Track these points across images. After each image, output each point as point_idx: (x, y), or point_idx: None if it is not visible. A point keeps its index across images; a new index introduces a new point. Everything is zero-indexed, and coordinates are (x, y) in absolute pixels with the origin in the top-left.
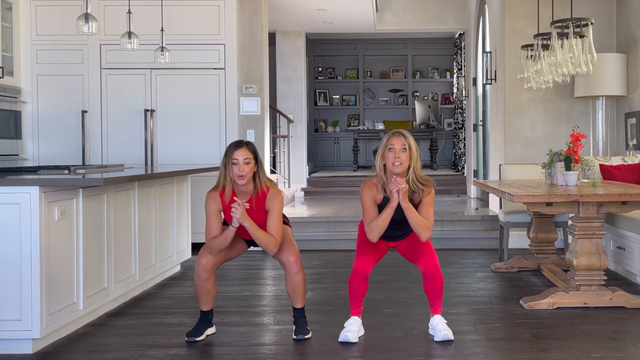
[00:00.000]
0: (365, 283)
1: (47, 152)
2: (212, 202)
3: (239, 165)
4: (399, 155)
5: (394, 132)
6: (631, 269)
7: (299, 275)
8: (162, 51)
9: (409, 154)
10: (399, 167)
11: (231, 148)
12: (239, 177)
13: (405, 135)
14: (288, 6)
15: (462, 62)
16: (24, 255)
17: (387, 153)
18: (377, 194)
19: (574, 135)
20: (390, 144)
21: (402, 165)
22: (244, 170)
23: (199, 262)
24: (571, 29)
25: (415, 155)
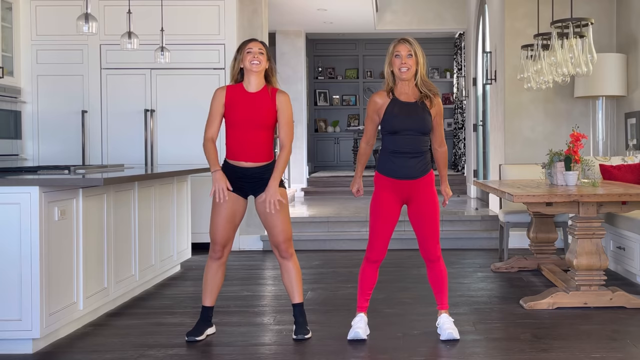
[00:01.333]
0: (376, 272)
1: (47, 152)
2: (218, 95)
3: (253, 53)
4: (405, 61)
5: (400, 39)
6: (631, 269)
7: (291, 261)
8: (162, 51)
9: (415, 60)
10: (406, 73)
11: (245, 42)
12: (253, 63)
13: (411, 42)
14: (288, 6)
15: (462, 62)
16: (24, 255)
17: (394, 60)
18: (385, 99)
19: (574, 135)
20: (397, 51)
21: (409, 70)
22: (259, 57)
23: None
24: (571, 29)
25: (421, 61)
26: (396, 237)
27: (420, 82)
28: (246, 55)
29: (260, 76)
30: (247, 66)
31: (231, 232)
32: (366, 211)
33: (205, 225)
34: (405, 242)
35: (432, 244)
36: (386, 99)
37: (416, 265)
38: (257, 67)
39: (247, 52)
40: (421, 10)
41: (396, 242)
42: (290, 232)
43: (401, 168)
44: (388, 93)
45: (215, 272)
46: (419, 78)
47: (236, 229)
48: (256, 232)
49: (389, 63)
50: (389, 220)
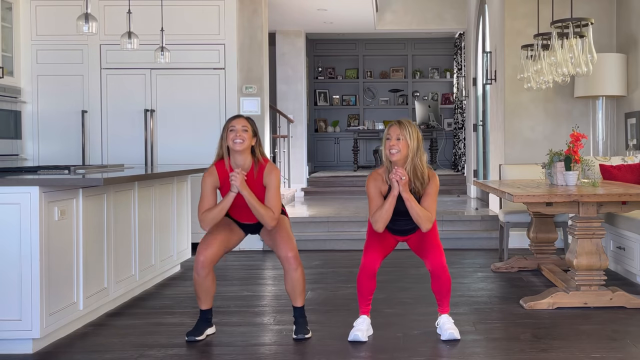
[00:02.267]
0: (373, 280)
1: (47, 152)
2: (208, 177)
3: (236, 131)
4: (394, 144)
5: (393, 121)
6: (631, 269)
7: (297, 272)
8: (162, 51)
9: (406, 143)
10: (395, 155)
11: (229, 119)
12: (236, 142)
13: (403, 125)
14: (288, 6)
15: (462, 62)
16: (24, 255)
17: (385, 142)
18: (382, 185)
19: (574, 135)
20: (388, 134)
21: (399, 153)
22: (241, 136)
23: (197, 259)
24: (571, 29)
25: (413, 145)
26: None
27: (411, 168)
28: (229, 133)
29: (245, 154)
30: (231, 145)
31: (220, 255)
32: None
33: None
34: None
35: (437, 260)
36: (383, 186)
37: (416, 265)
38: (240, 145)
39: (230, 131)
40: (421, 10)
41: None
42: (295, 246)
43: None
44: (384, 180)
45: (203, 281)
46: (409, 162)
47: (225, 252)
48: None
49: (383, 145)
50: (385, 246)
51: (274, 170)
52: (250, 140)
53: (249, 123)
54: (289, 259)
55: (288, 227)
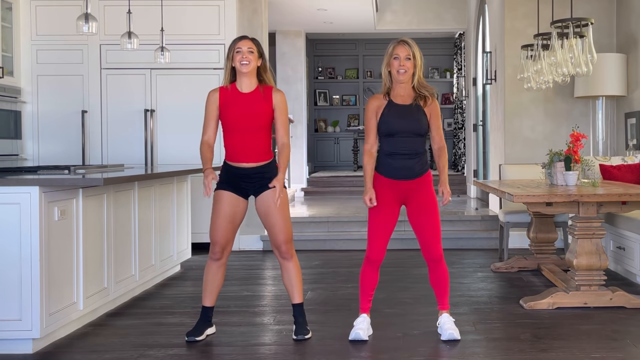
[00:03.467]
0: (377, 273)
1: (47, 152)
2: (210, 99)
3: (242, 53)
4: (403, 64)
5: (399, 40)
6: (631, 269)
7: (292, 262)
8: (162, 51)
9: (413, 62)
10: (404, 75)
11: (235, 40)
12: (242, 64)
13: (410, 44)
14: (288, 6)
15: (462, 62)
16: (24, 255)
17: (392, 61)
18: (382, 102)
19: (574, 135)
20: (395, 53)
21: (407, 73)
22: (247, 58)
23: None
24: (571, 29)
25: (419, 64)
26: (396, 237)
27: (417, 84)
28: (235, 55)
29: (251, 75)
30: (237, 66)
31: (231, 233)
32: (366, 211)
33: (206, 225)
34: (405, 242)
35: (433, 244)
36: (382, 102)
37: (416, 265)
38: (247, 67)
39: (236, 52)
40: (421, 10)
41: (396, 242)
42: (290, 232)
43: (399, 169)
44: (384, 95)
45: (215, 273)
46: (416, 80)
47: (236, 229)
48: (256, 232)
49: (386, 64)
50: (388, 220)
51: (282, 94)
52: (256, 62)
53: (255, 44)
54: (281, 244)
55: (286, 206)
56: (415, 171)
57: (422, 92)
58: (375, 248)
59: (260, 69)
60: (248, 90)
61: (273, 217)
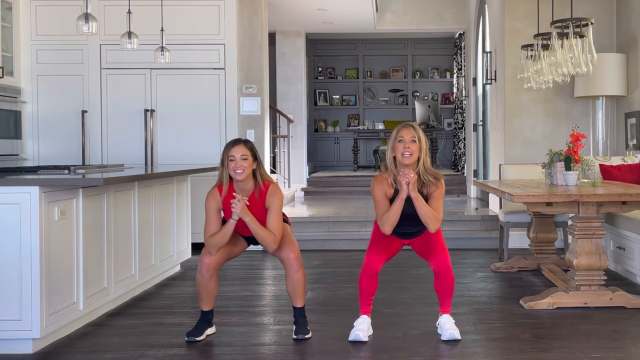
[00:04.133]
0: (375, 281)
1: (47, 152)
2: (211, 201)
3: (236, 161)
4: (408, 146)
5: (404, 124)
6: (631, 269)
7: (299, 273)
8: (162, 51)
9: (419, 146)
10: (409, 158)
11: (228, 146)
12: (237, 172)
13: (415, 127)
14: (288, 6)
15: (462, 62)
16: (24, 255)
17: (396, 145)
18: (387, 188)
19: (574, 135)
20: (400, 136)
21: (412, 156)
22: (242, 166)
23: (202, 261)
24: (571, 29)
25: (424, 148)
26: None
27: (423, 170)
28: (229, 163)
29: (247, 180)
30: (232, 175)
31: (224, 260)
32: (366, 211)
33: None
34: None
35: (442, 259)
36: (389, 190)
37: (416, 265)
38: (241, 175)
39: (229, 160)
40: (421, 10)
41: None
42: (298, 249)
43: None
44: (390, 183)
45: (206, 284)
46: (421, 165)
47: (229, 259)
48: None
49: (391, 148)
50: (390, 247)
51: (277, 193)
52: (250, 168)
53: (248, 149)
54: (291, 260)
55: (290, 233)
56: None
57: (427, 178)
58: (373, 260)
59: (255, 171)
60: (244, 195)
61: (281, 248)
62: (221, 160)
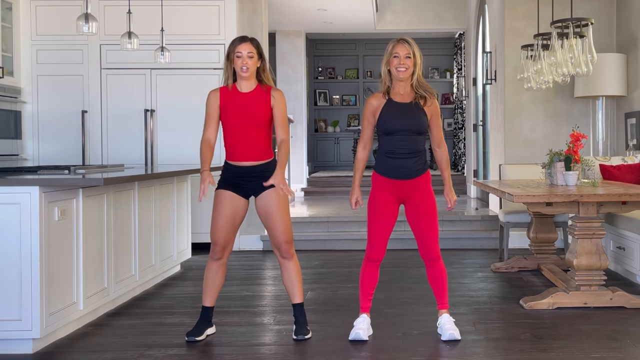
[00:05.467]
0: (377, 271)
1: (47, 152)
2: (210, 99)
3: (243, 58)
4: (403, 62)
5: (399, 39)
6: (631, 269)
7: (291, 262)
8: (162, 51)
9: (413, 61)
10: (404, 73)
11: (235, 42)
12: (242, 69)
13: (410, 42)
14: (288, 6)
15: (462, 62)
16: (24, 255)
17: (391, 59)
18: (381, 100)
19: (574, 135)
20: (395, 52)
21: (407, 70)
22: (247, 63)
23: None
24: (571, 29)
25: (419, 63)
26: (396, 237)
27: (416, 83)
28: (236, 59)
29: (251, 77)
30: (237, 71)
31: (231, 233)
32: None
33: (206, 225)
34: (405, 242)
35: (431, 244)
36: (382, 101)
37: (416, 265)
38: (247, 72)
39: (236, 56)
40: (421, 10)
41: (396, 242)
42: (291, 233)
43: (397, 168)
44: (384, 94)
45: (215, 273)
46: (415, 79)
47: (237, 229)
48: (256, 232)
49: (386, 62)
50: (387, 219)
51: (281, 94)
52: (255, 65)
53: (254, 46)
54: (282, 244)
55: (286, 207)
56: (414, 170)
57: (421, 91)
58: (376, 247)
59: (259, 69)
60: (249, 89)
61: (273, 218)
62: (227, 54)
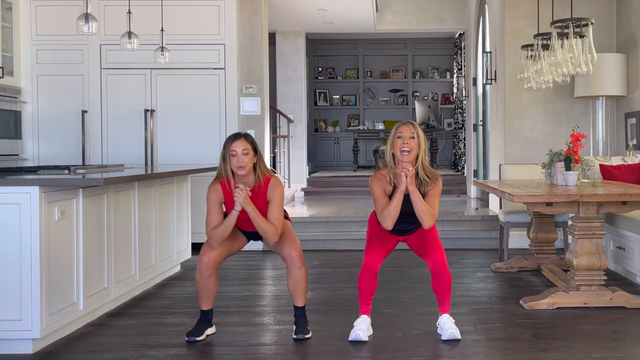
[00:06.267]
0: (374, 280)
1: (47, 152)
2: (213, 194)
3: (238, 156)
4: (407, 142)
5: (403, 121)
6: (631, 269)
7: (301, 271)
8: (162, 51)
9: (417, 142)
10: (407, 155)
11: (229, 140)
12: (239, 167)
13: (414, 125)
14: (288, 6)
15: (462, 62)
16: (24, 255)
17: (395, 141)
18: (386, 185)
19: (574, 135)
20: (399, 132)
21: (410, 153)
22: (243, 161)
23: (201, 260)
24: (571, 29)
25: (423, 146)
26: None
27: (421, 168)
28: (231, 158)
29: (248, 174)
30: (234, 170)
31: (224, 257)
32: (366, 211)
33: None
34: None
35: (437, 258)
36: (387, 187)
37: (416, 265)
38: (243, 170)
39: (231, 155)
40: (421, 10)
41: None
42: (300, 247)
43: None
44: (389, 181)
45: (206, 282)
46: (419, 163)
47: (228, 256)
48: None
49: (390, 145)
50: (386, 244)
51: (278, 186)
52: (251, 162)
53: (249, 143)
54: (293, 257)
55: (291, 230)
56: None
57: (425, 177)
58: (373, 258)
59: (255, 165)
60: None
61: (281, 244)
62: (222, 156)
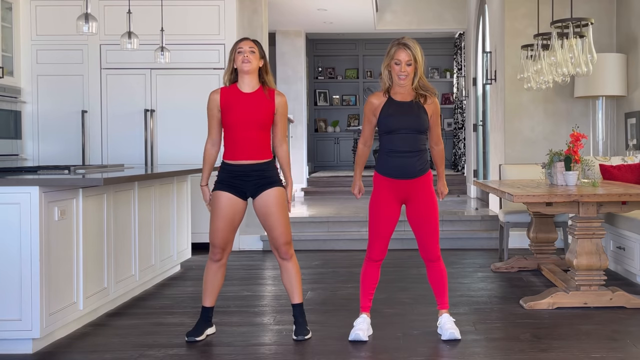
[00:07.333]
0: (377, 270)
1: (47, 152)
2: (211, 100)
3: (244, 52)
4: (404, 69)
5: (400, 43)
6: (631, 269)
7: (290, 262)
8: (162, 51)
9: (415, 66)
10: (405, 80)
11: (237, 42)
12: (244, 62)
13: (411, 47)
14: (288, 6)
15: (462, 62)
16: (24, 255)
17: (392, 65)
18: (381, 99)
19: (574, 135)
20: (397, 58)
21: (408, 77)
22: (249, 57)
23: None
24: (571, 29)
25: (420, 67)
26: (396, 237)
27: (417, 85)
28: (237, 55)
29: (253, 76)
30: (239, 66)
31: (230, 234)
32: (366, 211)
33: (205, 225)
34: (405, 242)
35: (431, 244)
36: (382, 99)
37: (416, 265)
38: (248, 66)
39: (237, 52)
40: (421, 10)
41: (396, 242)
42: (290, 234)
43: (399, 167)
44: (384, 93)
45: (215, 273)
46: (417, 81)
47: (235, 230)
48: (256, 232)
49: (386, 65)
50: (389, 219)
51: (284, 98)
52: (257, 62)
53: (256, 45)
54: (281, 247)
55: (284, 207)
56: (416, 170)
57: (421, 91)
58: (377, 247)
59: (261, 70)
60: (250, 90)
61: (272, 219)
62: (229, 58)
